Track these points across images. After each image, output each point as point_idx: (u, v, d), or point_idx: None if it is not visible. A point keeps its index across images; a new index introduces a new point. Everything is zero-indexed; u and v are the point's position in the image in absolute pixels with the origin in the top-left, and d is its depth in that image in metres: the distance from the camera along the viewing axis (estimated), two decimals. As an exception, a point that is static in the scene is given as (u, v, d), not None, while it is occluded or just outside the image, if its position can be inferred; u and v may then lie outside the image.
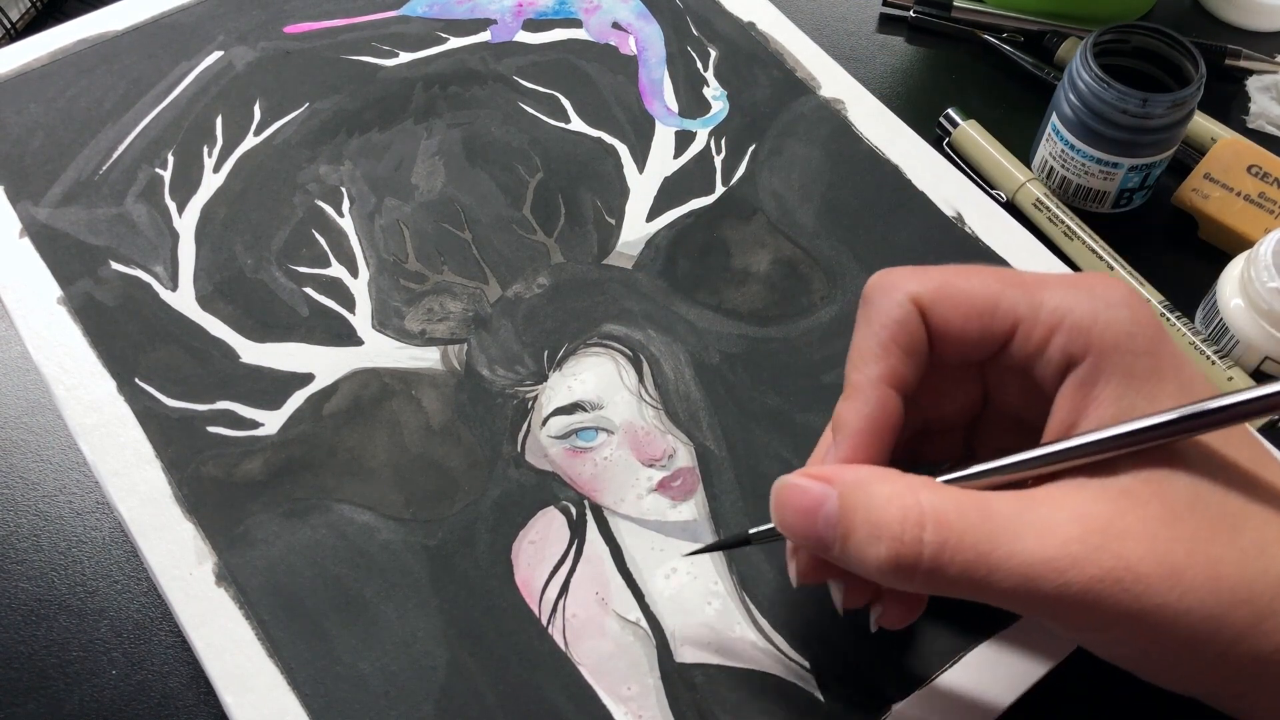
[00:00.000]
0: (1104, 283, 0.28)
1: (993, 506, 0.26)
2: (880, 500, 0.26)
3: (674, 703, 0.32)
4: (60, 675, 0.36)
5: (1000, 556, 0.25)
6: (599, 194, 0.43)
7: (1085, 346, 0.27)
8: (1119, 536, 0.25)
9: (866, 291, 0.29)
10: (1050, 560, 0.24)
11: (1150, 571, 0.24)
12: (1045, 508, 0.26)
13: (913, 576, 0.26)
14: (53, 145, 0.44)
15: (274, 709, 0.32)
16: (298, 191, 0.43)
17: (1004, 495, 0.26)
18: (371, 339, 0.39)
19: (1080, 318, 0.27)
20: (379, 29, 0.48)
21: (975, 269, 0.29)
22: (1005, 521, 0.25)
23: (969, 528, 0.25)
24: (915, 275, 0.29)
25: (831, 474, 0.27)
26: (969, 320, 0.28)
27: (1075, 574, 0.24)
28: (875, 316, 0.29)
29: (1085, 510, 0.25)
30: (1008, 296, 0.28)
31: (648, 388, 0.38)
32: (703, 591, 0.34)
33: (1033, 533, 0.25)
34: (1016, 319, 0.28)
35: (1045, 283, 0.28)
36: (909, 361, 0.29)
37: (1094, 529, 0.25)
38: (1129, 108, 0.44)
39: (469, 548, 0.35)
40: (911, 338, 0.28)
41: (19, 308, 0.39)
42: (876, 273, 0.30)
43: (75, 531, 0.39)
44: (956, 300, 0.28)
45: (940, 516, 0.25)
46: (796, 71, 0.47)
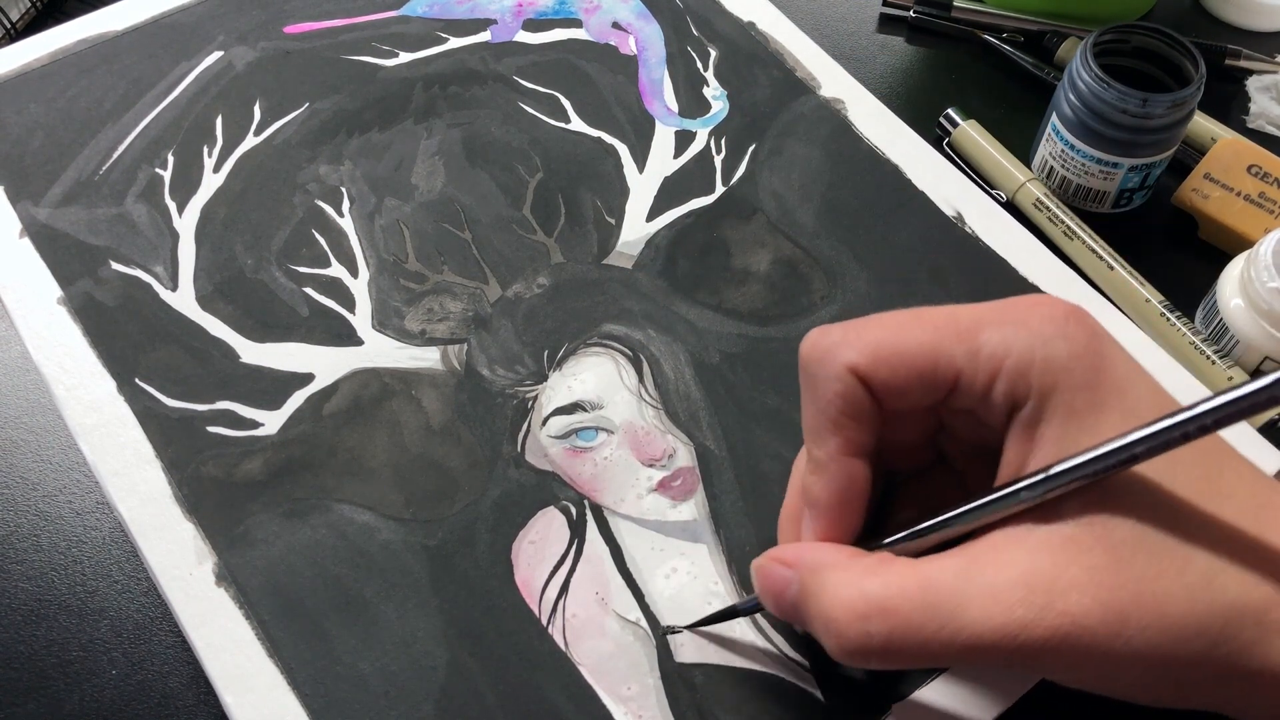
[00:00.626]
0: (1040, 314, 0.27)
1: (935, 581, 0.26)
2: (829, 593, 0.27)
3: (674, 703, 0.32)
4: (60, 675, 0.36)
5: (948, 634, 0.25)
6: (599, 194, 0.43)
7: (1026, 389, 0.27)
8: (1063, 592, 0.25)
9: (803, 361, 0.29)
10: (998, 629, 0.25)
11: (1096, 624, 0.25)
12: (989, 570, 0.26)
13: (868, 662, 0.27)
14: (53, 145, 0.44)
15: (274, 709, 0.32)
16: (298, 191, 0.43)
17: (946, 563, 0.26)
18: (371, 339, 0.39)
19: (1018, 360, 0.27)
20: (379, 29, 0.48)
21: (911, 318, 0.28)
22: (949, 596, 0.26)
23: (913, 611, 0.26)
24: (849, 341, 0.28)
25: (794, 558, 0.29)
26: (909, 380, 0.28)
27: (1024, 638, 0.25)
28: (819, 393, 0.28)
29: (1028, 567, 0.25)
30: (944, 350, 0.27)
31: (648, 388, 0.38)
32: (703, 591, 0.34)
33: (977, 603, 0.25)
34: (956, 371, 0.27)
35: (981, 324, 0.27)
36: (862, 428, 0.28)
37: (1038, 588, 0.25)
38: (1129, 108, 0.44)
39: (469, 548, 0.35)
40: (858, 407, 0.28)
41: (19, 308, 0.39)
42: (809, 335, 0.29)
43: (75, 531, 0.39)
44: (893, 363, 0.28)
45: (884, 605, 0.26)
46: (796, 71, 0.47)
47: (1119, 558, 0.25)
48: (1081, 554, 0.25)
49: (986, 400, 0.27)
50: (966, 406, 0.28)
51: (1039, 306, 0.28)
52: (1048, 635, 0.25)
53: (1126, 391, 0.26)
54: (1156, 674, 0.25)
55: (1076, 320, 0.27)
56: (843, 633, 0.26)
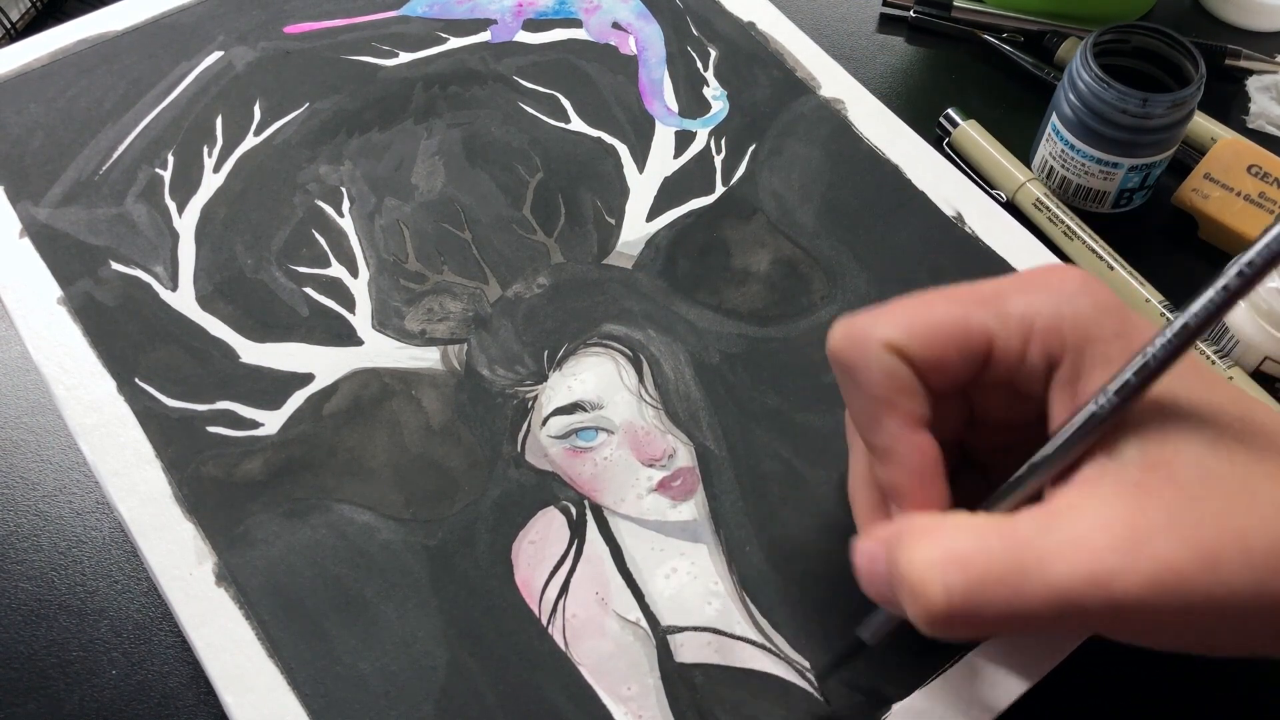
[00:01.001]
0: (1059, 275, 0.28)
1: (1017, 532, 0.25)
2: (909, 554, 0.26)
3: (674, 703, 0.32)
4: (60, 675, 0.36)
5: (1034, 586, 0.24)
6: (599, 194, 0.43)
7: (1061, 346, 0.27)
8: (1149, 536, 0.24)
9: (837, 352, 0.28)
10: (1087, 578, 0.24)
11: (1189, 565, 0.24)
12: (1068, 520, 0.25)
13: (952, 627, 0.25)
14: (53, 145, 0.44)
15: (274, 709, 0.32)
16: (298, 191, 0.43)
17: (1025, 517, 0.26)
18: (371, 339, 0.39)
19: (1048, 319, 0.27)
20: (379, 29, 0.48)
21: (935, 296, 0.29)
22: (1031, 545, 0.25)
23: (994, 563, 0.25)
24: (881, 320, 0.28)
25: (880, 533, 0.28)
26: (948, 351, 0.28)
27: (1117, 586, 0.24)
28: (864, 378, 0.28)
29: (1108, 514, 0.25)
30: (975, 317, 0.28)
31: (648, 388, 0.38)
32: (703, 591, 0.34)
33: (1063, 553, 0.24)
34: (989, 337, 0.27)
35: (1004, 291, 0.28)
36: (917, 401, 0.28)
37: (1122, 534, 0.24)
38: (1129, 108, 0.44)
39: (469, 548, 0.35)
40: (905, 382, 0.28)
41: (19, 308, 0.39)
42: (836, 327, 0.29)
43: (75, 531, 0.39)
44: (929, 336, 0.28)
45: (963, 558, 0.25)
46: (796, 71, 0.47)
47: (1192, 496, 0.24)
48: (1155, 497, 0.25)
49: (1022, 365, 0.27)
50: (1003, 377, 0.28)
51: (1055, 272, 0.28)
52: (1143, 582, 0.24)
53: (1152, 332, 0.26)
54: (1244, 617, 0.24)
55: (1092, 280, 0.28)
56: (924, 590, 0.25)
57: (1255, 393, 0.42)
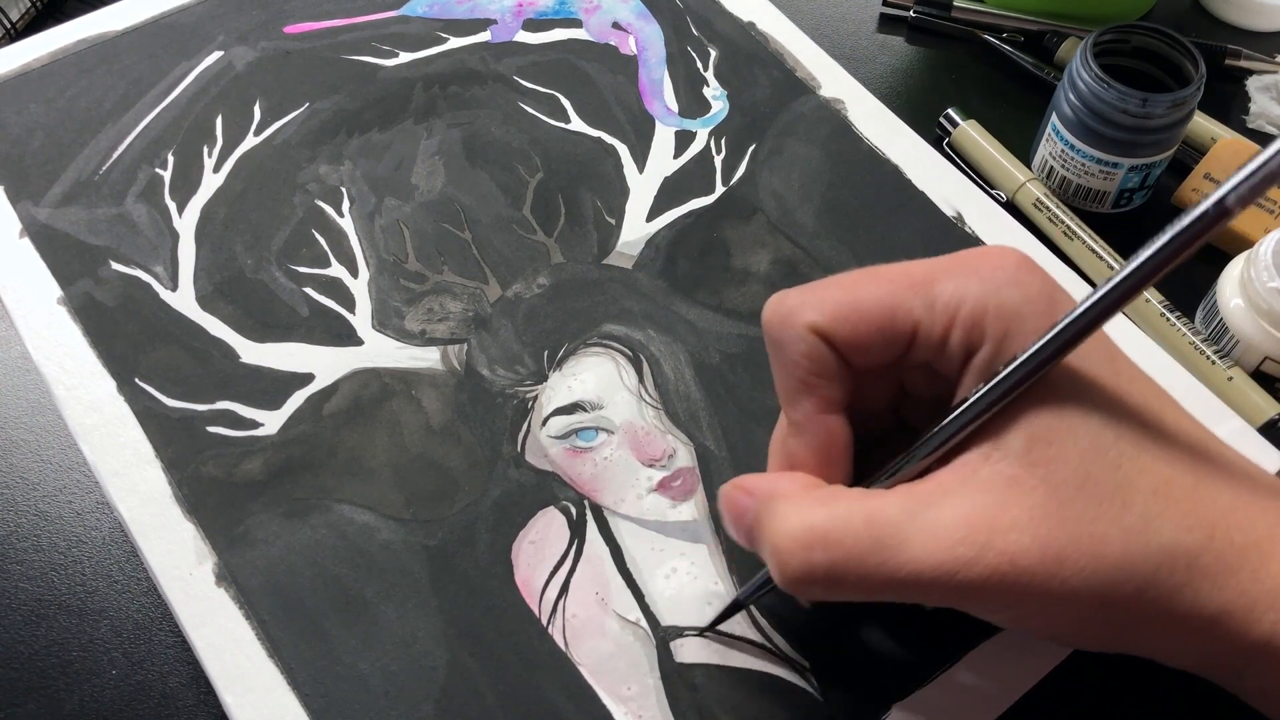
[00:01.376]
0: (994, 261, 0.28)
1: (880, 515, 0.26)
2: (778, 520, 0.27)
3: (674, 703, 0.32)
4: (60, 675, 0.36)
5: (889, 569, 0.26)
6: (599, 194, 0.43)
7: (981, 335, 0.27)
8: (1004, 531, 0.25)
9: (766, 326, 0.29)
10: (937, 566, 0.25)
11: (1033, 563, 0.25)
12: (933, 508, 0.26)
13: (811, 592, 0.27)
14: (53, 145, 0.44)
15: (274, 709, 0.32)
16: (298, 191, 0.43)
17: (893, 499, 0.27)
18: (371, 339, 0.39)
19: (973, 308, 0.27)
20: (379, 29, 0.48)
21: (866, 276, 0.29)
22: (892, 530, 0.26)
23: (856, 544, 0.26)
24: (810, 301, 0.29)
25: (754, 486, 0.29)
26: (871, 335, 0.28)
27: (963, 575, 0.25)
28: (786, 356, 0.29)
29: (971, 507, 0.26)
30: (903, 302, 0.28)
31: (648, 388, 0.38)
32: (703, 591, 0.34)
33: (919, 539, 0.25)
34: (914, 323, 0.28)
35: (935, 275, 0.28)
36: (833, 385, 0.29)
37: (979, 527, 0.25)
38: (1129, 108, 0.44)
39: (469, 548, 0.35)
40: (825, 365, 0.28)
41: (19, 308, 0.39)
42: (769, 302, 0.29)
43: (75, 531, 0.39)
44: (854, 319, 0.28)
45: (827, 535, 0.26)
46: (796, 71, 0.47)
47: (1061, 499, 0.25)
48: (1024, 494, 0.25)
49: (943, 350, 0.28)
50: (924, 359, 0.28)
51: (990, 256, 0.28)
52: (987, 574, 0.25)
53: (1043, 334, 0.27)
54: (1089, 615, 0.26)
55: (1027, 268, 0.28)
56: (786, 561, 0.27)
57: (1255, 394, 0.42)
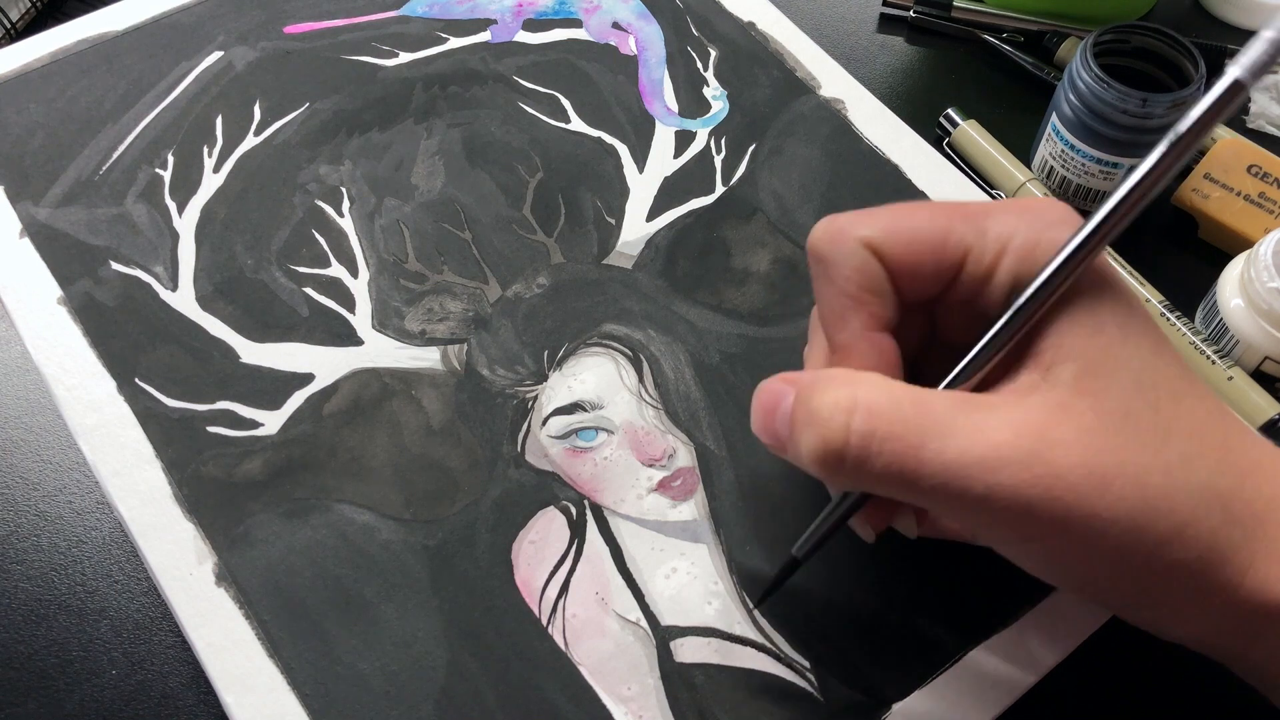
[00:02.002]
0: (1044, 204, 0.28)
1: (930, 403, 0.26)
2: (820, 393, 0.26)
3: (674, 703, 0.32)
4: (60, 675, 0.36)
5: (929, 452, 0.25)
6: (599, 194, 0.43)
7: (1031, 267, 0.27)
8: (1051, 445, 0.25)
9: (815, 245, 0.29)
10: (980, 460, 0.25)
11: (1080, 480, 0.25)
12: (982, 411, 0.26)
13: (840, 466, 0.26)
14: (53, 145, 0.44)
15: (274, 709, 0.32)
16: (298, 191, 0.43)
17: (945, 394, 0.26)
18: (371, 339, 0.39)
19: (1024, 240, 0.27)
20: (379, 29, 0.48)
21: (919, 205, 0.29)
22: (939, 418, 0.25)
23: (899, 419, 0.25)
24: (863, 219, 0.29)
25: (796, 376, 0.28)
26: (922, 256, 0.28)
27: (1004, 476, 0.25)
28: (836, 270, 0.28)
29: (1021, 418, 0.26)
30: (955, 229, 0.28)
31: (648, 388, 0.38)
32: (703, 591, 0.34)
33: (965, 432, 0.25)
34: (965, 249, 0.28)
35: (989, 210, 0.28)
36: (884, 303, 0.29)
37: (1027, 435, 0.25)
38: (1129, 108, 0.44)
39: (469, 548, 0.35)
40: (877, 282, 0.28)
41: (19, 308, 0.39)
42: (821, 223, 0.29)
43: (75, 531, 0.39)
44: (907, 239, 0.28)
45: (872, 406, 0.26)
46: (796, 71, 0.47)
47: (1107, 424, 0.25)
48: (1073, 416, 0.25)
49: (990, 280, 0.28)
50: (969, 293, 0.28)
51: (1040, 201, 0.29)
52: (1029, 480, 0.25)
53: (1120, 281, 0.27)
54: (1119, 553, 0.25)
55: (1073, 216, 0.28)
56: (824, 424, 0.26)
57: (1256, 394, 0.42)
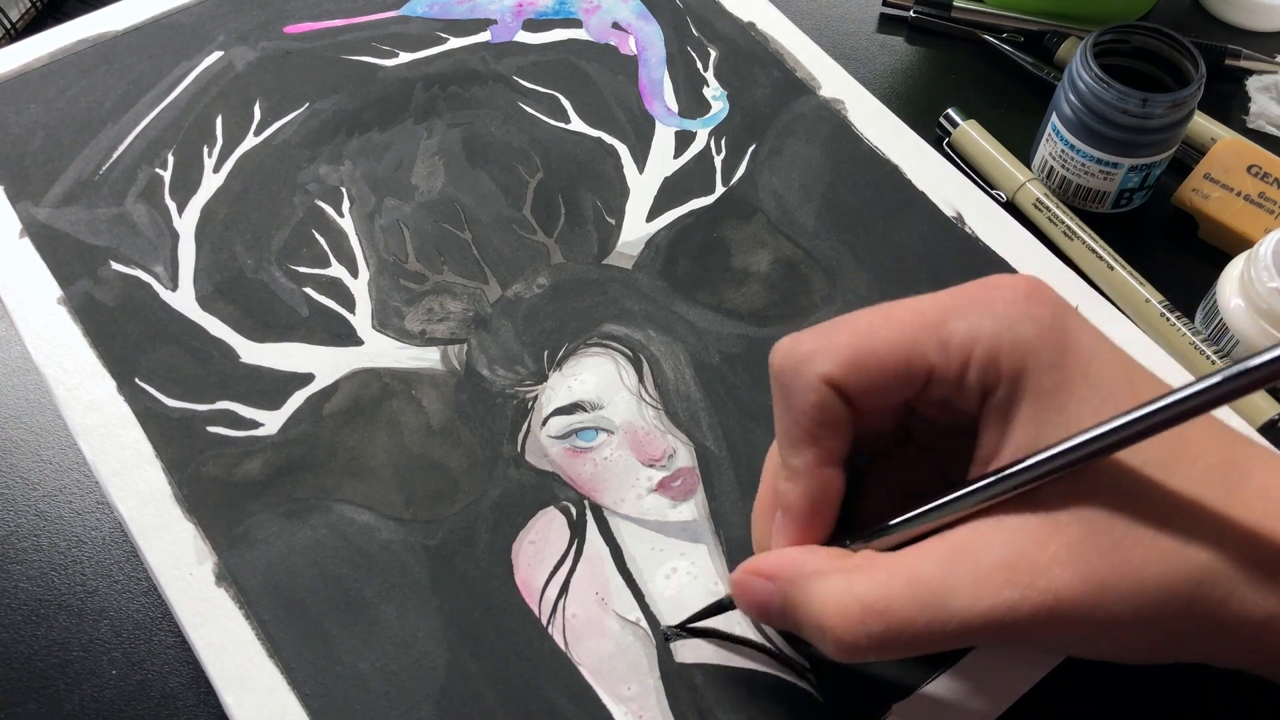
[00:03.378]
0: (1003, 295, 0.28)
1: (921, 574, 0.27)
2: (819, 600, 0.27)
3: (674, 703, 0.32)
4: (60, 675, 0.36)
5: (939, 624, 0.26)
6: (599, 194, 0.43)
7: (997, 374, 0.27)
8: (1045, 569, 0.26)
9: (776, 371, 0.29)
10: (985, 613, 0.26)
11: (1078, 595, 0.25)
12: (970, 557, 0.26)
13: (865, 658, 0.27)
14: (53, 145, 0.44)
15: (274, 709, 0.32)
16: (298, 191, 0.43)
17: (929, 552, 0.27)
18: (371, 339, 0.39)
19: (987, 346, 0.27)
20: (379, 29, 0.48)
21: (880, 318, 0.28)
22: (936, 587, 0.26)
23: (904, 607, 0.26)
24: (823, 350, 0.28)
25: (773, 569, 0.29)
26: (885, 381, 0.28)
27: (1012, 618, 0.26)
28: (794, 403, 0.29)
29: (1010, 550, 0.26)
30: (916, 346, 0.28)
31: (648, 388, 0.38)
32: (703, 591, 0.34)
33: (963, 591, 0.26)
34: (929, 366, 0.28)
35: (947, 313, 0.28)
36: (838, 437, 0.29)
37: (1021, 568, 0.26)
38: (1129, 108, 0.44)
39: (469, 548, 0.35)
40: (834, 417, 0.28)
41: (19, 308, 0.39)
42: (781, 345, 0.29)
43: (75, 531, 0.39)
44: (868, 367, 0.28)
45: (877, 607, 0.26)
46: (796, 71, 0.47)
47: (1095, 530, 0.26)
48: (1059, 531, 0.26)
49: (960, 388, 0.28)
50: (941, 397, 0.28)
51: (1001, 288, 0.28)
52: (1034, 612, 0.25)
53: (1090, 367, 0.27)
54: (1138, 635, 0.26)
55: (1039, 297, 0.28)
56: (842, 638, 0.27)
57: (1256, 394, 0.42)
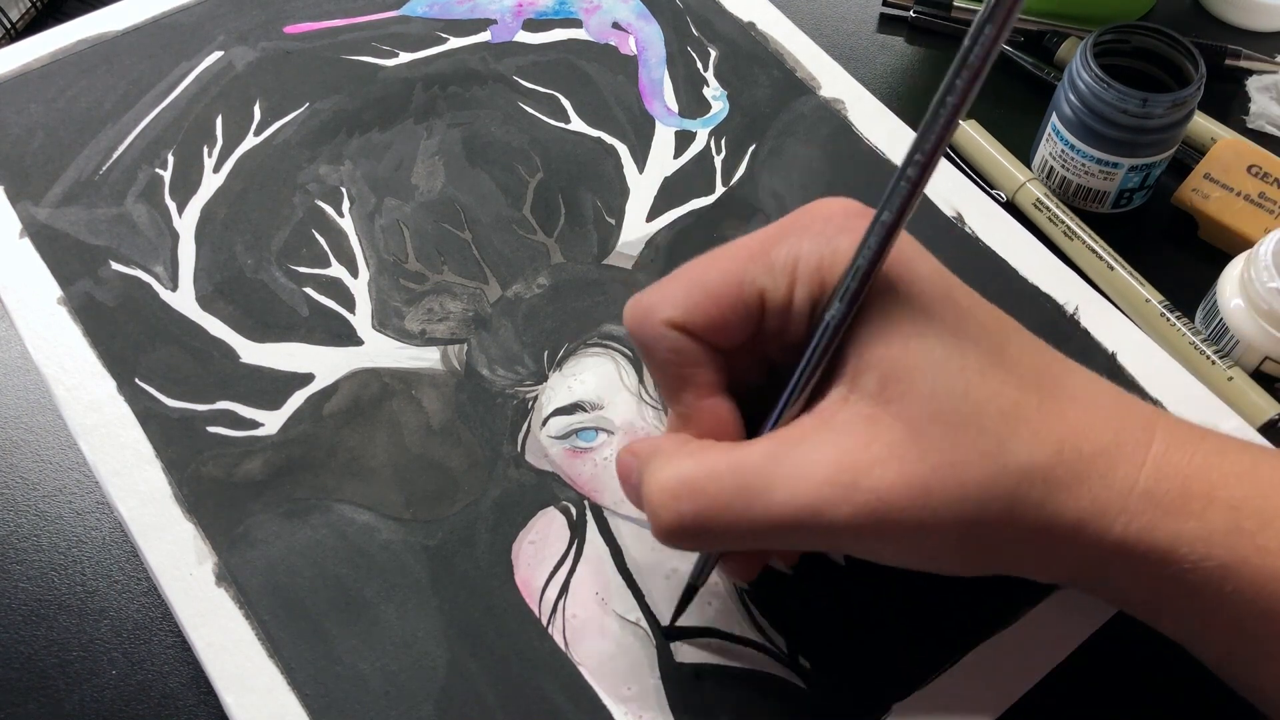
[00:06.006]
0: (823, 214, 0.28)
1: (745, 463, 0.27)
2: (650, 475, 0.28)
3: (674, 703, 0.32)
4: (60, 675, 0.36)
5: (757, 513, 0.26)
6: (599, 194, 0.43)
7: (820, 288, 0.28)
8: (868, 469, 0.26)
9: (629, 330, 0.30)
10: (804, 507, 0.26)
11: (900, 496, 0.25)
12: (796, 452, 0.27)
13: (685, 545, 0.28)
14: (53, 145, 0.44)
15: (274, 709, 0.32)
16: (298, 191, 0.43)
17: (757, 446, 0.27)
18: (371, 339, 0.39)
19: (808, 262, 0.28)
20: (379, 29, 0.48)
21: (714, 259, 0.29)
22: (757, 476, 0.26)
23: (721, 491, 0.27)
24: (665, 297, 0.29)
25: (638, 448, 0.30)
26: (724, 314, 0.28)
27: (831, 515, 0.26)
28: (653, 355, 0.29)
29: (832, 448, 0.26)
30: (746, 273, 0.28)
31: (648, 388, 0.38)
32: (703, 591, 0.34)
33: (784, 483, 0.26)
34: (759, 290, 0.28)
35: (772, 239, 0.28)
36: (707, 371, 0.29)
37: (844, 467, 0.26)
38: (1129, 108, 0.44)
39: (469, 548, 0.35)
40: (693, 355, 0.29)
41: (19, 308, 0.39)
42: (628, 305, 0.30)
43: (75, 531, 0.39)
44: (705, 304, 0.28)
45: (694, 485, 0.27)
46: (796, 71, 0.47)
47: (917, 431, 0.26)
48: (882, 431, 0.26)
49: (790, 311, 0.28)
50: (778, 327, 0.29)
51: (820, 209, 0.29)
52: (855, 512, 0.26)
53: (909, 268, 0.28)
54: (959, 541, 0.26)
55: (857, 214, 0.28)
56: (657, 512, 0.27)
57: (1255, 394, 0.42)
